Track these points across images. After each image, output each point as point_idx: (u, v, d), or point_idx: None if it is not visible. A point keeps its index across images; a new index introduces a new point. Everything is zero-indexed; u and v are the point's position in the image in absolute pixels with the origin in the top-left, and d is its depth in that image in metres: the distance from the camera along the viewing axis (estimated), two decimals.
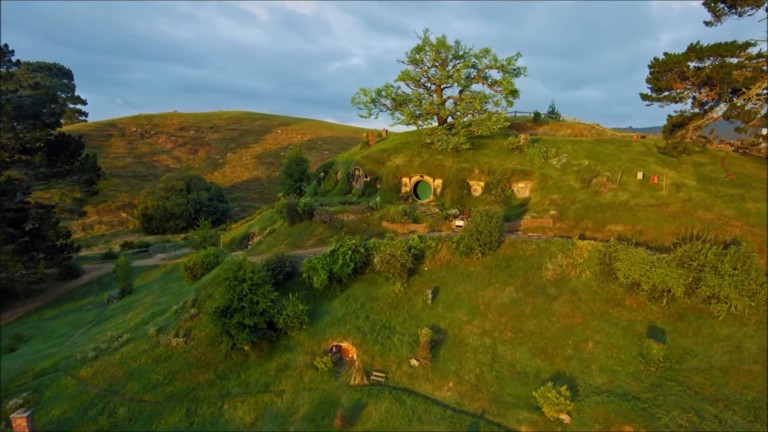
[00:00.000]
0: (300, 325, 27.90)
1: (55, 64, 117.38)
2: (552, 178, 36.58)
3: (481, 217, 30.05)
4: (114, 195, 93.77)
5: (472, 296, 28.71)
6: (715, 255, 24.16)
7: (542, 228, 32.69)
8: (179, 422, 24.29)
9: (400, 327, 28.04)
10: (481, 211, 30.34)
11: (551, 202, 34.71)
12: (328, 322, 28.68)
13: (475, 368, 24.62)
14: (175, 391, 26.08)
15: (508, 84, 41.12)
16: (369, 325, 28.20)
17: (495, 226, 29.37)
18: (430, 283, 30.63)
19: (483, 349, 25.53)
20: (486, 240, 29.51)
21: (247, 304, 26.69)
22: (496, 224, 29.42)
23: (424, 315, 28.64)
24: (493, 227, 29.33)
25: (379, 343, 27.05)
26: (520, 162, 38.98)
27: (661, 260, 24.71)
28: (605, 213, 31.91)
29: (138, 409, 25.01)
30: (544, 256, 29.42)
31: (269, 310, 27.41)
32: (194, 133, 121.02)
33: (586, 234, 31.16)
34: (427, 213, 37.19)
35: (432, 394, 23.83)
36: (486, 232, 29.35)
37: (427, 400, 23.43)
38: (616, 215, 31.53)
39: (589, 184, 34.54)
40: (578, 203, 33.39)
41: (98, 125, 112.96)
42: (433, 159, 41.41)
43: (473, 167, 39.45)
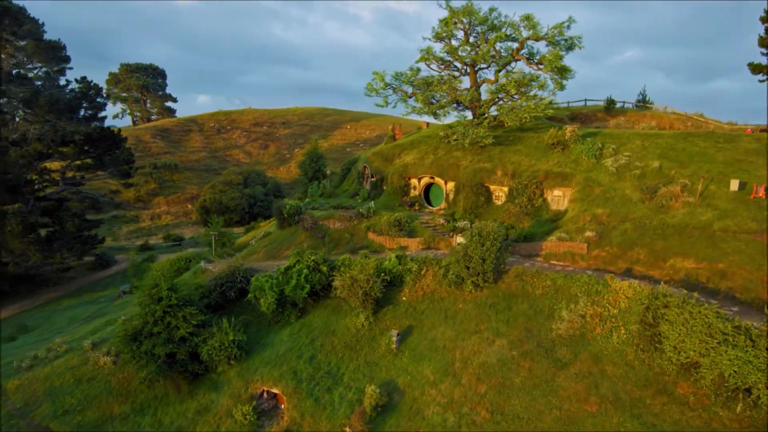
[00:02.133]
0: (228, 360, 22.45)
1: (150, 65, 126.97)
2: (600, 185, 26.52)
3: (471, 237, 21.87)
4: (184, 187, 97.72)
5: (450, 346, 20.77)
6: None
7: (571, 255, 23.29)
8: None
9: (349, 377, 21.19)
10: (475, 228, 22.12)
11: (593, 218, 24.91)
12: (265, 359, 22.80)
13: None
14: (84, 422, 22.21)
15: (554, 59, 31.27)
16: (310, 369, 21.76)
17: (490, 251, 20.98)
18: (403, 318, 23.22)
19: (442, 430, 17.72)
20: (477, 269, 21.28)
21: (163, 328, 21.91)
22: (491, 248, 20.99)
23: (384, 364, 21.42)
24: (488, 252, 20.97)
25: (313, 396, 20.51)
26: (559, 162, 29.23)
27: (741, 332, 14.66)
28: (670, 239, 21.53)
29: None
30: (560, 299, 20.36)
31: (193, 338, 22.38)
32: (267, 129, 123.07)
33: (634, 269, 21.27)
34: (429, 225, 29.42)
35: None
36: (477, 258, 21.13)
37: None
38: (688, 244, 21.03)
39: (653, 196, 24.06)
40: (631, 222, 23.25)
41: (180, 121, 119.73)
42: (448, 157, 33.20)
43: (495, 168, 30.57)
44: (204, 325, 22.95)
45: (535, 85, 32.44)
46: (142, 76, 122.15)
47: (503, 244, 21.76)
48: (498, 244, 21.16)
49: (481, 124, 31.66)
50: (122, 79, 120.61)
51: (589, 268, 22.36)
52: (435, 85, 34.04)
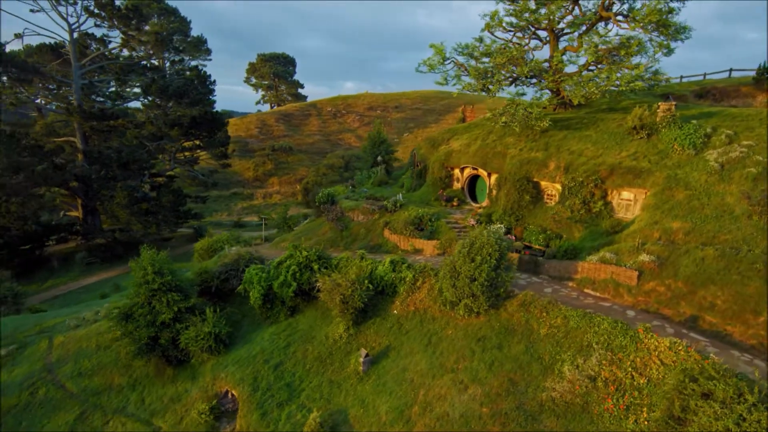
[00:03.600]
0: (202, 351, 21.50)
1: (282, 54, 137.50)
2: (689, 188, 18.49)
3: (461, 248, 16.90)
4: (296, 168, 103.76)
5: (418, 382, 16.46)
6: None
7: (614, 284, 16.60)
8: (59, 427, 21.77)
9: (307, 395, 18.43)
10: (469, 237, 17.08)
11: (664, 234, 17.44)
12: (237, 357, 21.28)
13: None
14: (89, 387, 23.69)
15: (651, 15, 22.83)
16: (272, 377, 19.54)
17: (481, 268, 15.87)
18: (385, 336, 19.40)
19: None
20: (465, 290, 16.39)
21: (148, 311, 21.89)
22: (483, 265, 15.84)
23: (347, 387, 18.10)
24: (478, 270, 15.90)
25: (262, 409, 18.31)
26: (636, 153, 21.37)
27: None
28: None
29: (48, 396, 23.75)
30: (568, 347, 14.40)
31: (175, 324, 21.96)
32: (380, 113, 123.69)
33: (704, 319, 14.01)
34: (456, 225, 24.50)
35: None
36: (463, 277, 16.24)
37: None
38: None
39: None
40: (717, 247, 15.54)
41: (302, 106, 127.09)
42: (497, 143, 27.12)
43: (548, 159, 23.83)
44: (188, 311, 22.44)
45: (627, 50, 24.41)
46: (274, 64, 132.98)
47: (502, 261, 16.36)
48: (493, 261, 15.92)
49: (535, 103, 25.09)
50: (258, 68, 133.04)
51: (635, 308, 15.66)
52: (496, 54, 28.13)
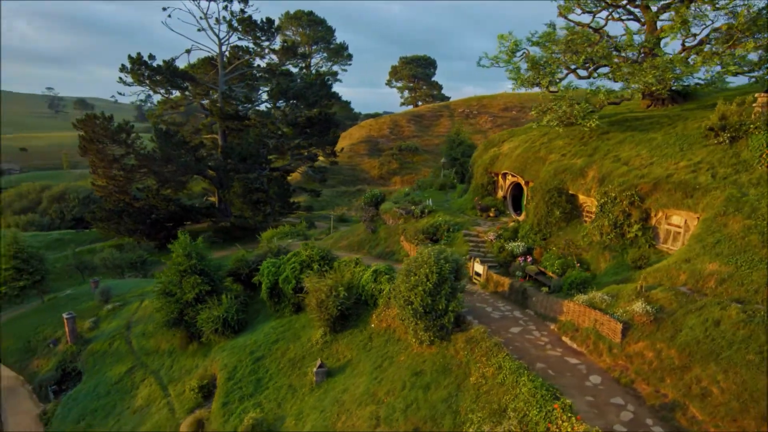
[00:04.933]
0: (213, 332, 23.07)
1: (424, 56, 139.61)
2: (755, 216, 12.52)
3: (408, 266, 14.51)
4: (419, 168, 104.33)
5: (347, 407, 14.76)
6: None
7: (596, 337, 12.30)
8: (116, 379, 25.87)
9: (267, 394, 18.29)
10: (421, 254, 14.59)
11: (695, 277, 12.25)
12: (234, 344, 22.27)
13: None
14: (143, 347, 27.66)
15: None
16: (249, 369, 19.92)
17: (416, 292, 13.42)
18: (351, 350, 18.00)
19: None
20: (406, 314, 14.11)
21: (178, 290, 24.46)
22: (419, 287, 13.34)
23: (299, 396, 17.37)
24: (415, 292, 13.48)
25: (227, 398, 18.81)
26: (701, 163, 15.37)
27: None
28: None
29: (117, 348, 28.42)
30: (484, 406, 11.13)
31: (197, 305, 24.07)
32: (515, 113, 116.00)
33: (685, 411, 9.37)
34: (475, 239, 21.32)
35: None
36: (417, 296, 13.96)
37: None
38: None
39: None
40: (754, 307, 10.18)
41: (434, 107, 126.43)
42: (541, 146, 22.44)
43: (589, 166, 18.69)
44: (215, 296, 24.38)
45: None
46: (414, 66, 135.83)
47: (445, 285, 13.56)
48: (429, 285, 13.35)
49: (586, 99, 20.01)
50: (399, 70, 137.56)
51: (609, 373, 11.45)
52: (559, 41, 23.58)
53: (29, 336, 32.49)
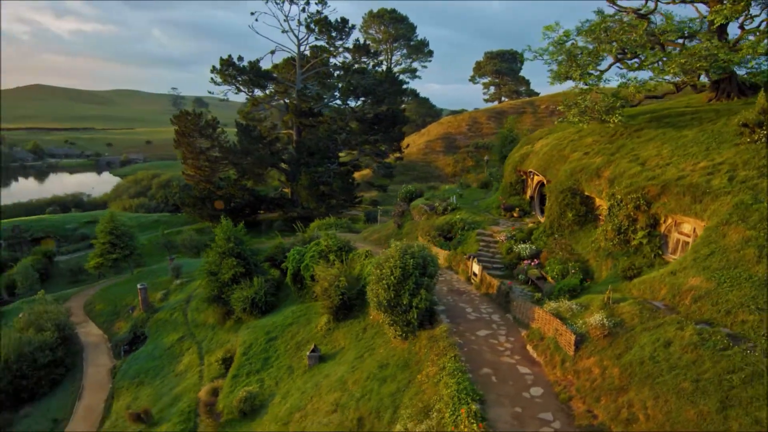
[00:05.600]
0: (242, 311, 25.13)
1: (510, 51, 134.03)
2: (759, 227, 10.60)
3: (378, 260, 14.59)
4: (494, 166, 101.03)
5: (320, 392, 15.37)
6: None
7: (554, 348, 11.35)
8: (169, 345, 29.31)
9: (270, 372, 19.67)
10: (389, 249, 14.61)
11: (674, 291, 10.74)
12: (259, 323, 24.03)
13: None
14: (195, 320, 30.87)
15: None
16: (261, 348, 21.48)
17: (380, 285, 13.53)
18: (346, 338, 18.58)
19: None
20: (383, 305, 14.29)
21: (218, 269, 26.96)
22: (382, 281, 13.42)
23: (294, 375, 18.42)
24: (380, 285, 13.58)
25: (237, 372, 20.51)
26: (722, 163, 13.11)
27: None
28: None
29: (174, 318, 32.03)
30: (417, 403, 10.95)
31: (233, 285, 26.33)
32: None
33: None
34: (488, 239, 20.51)
35: None
36: (381, 290, 14.15)
37: None
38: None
39: None
40: (716, 328, 8.67)
41: (516, 104, 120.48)
42: (570, 144, 20.57)
43: (606, 166, 16.80)
44: (249, 278, 26.51)
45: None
46: (498, 61, 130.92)
47: (408, 281, 13.47)
48: (392, 279, 13.39)
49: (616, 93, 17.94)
50: (483, 66, 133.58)
51: (552, 388, 10.67)
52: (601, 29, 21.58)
53: (116, 301, 38.07)
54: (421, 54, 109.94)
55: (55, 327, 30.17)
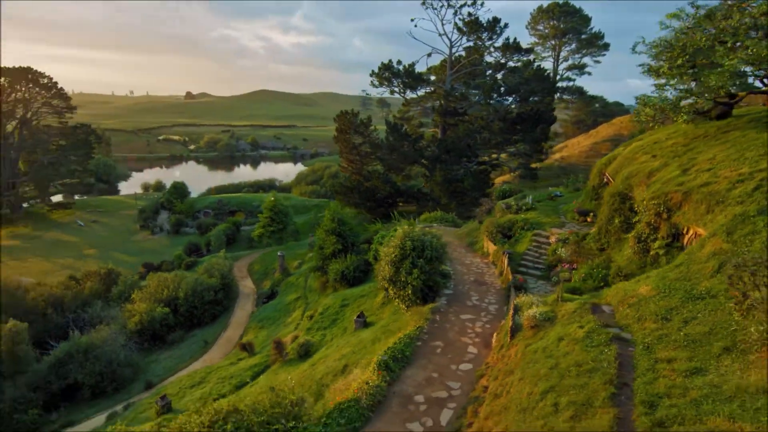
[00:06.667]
0: (335, 281, 29.47)
1: None
2: (738, 241, 8.92)
3: (388, 241, 16.45)
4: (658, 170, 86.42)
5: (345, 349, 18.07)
6: None
7: (504, 335, 11.68)
8: (288, 302, 35.82)
9: (331, 330, 23.36)
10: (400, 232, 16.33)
11: (626, 301, 9.96)
12: (343, 294, 27.93)
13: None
14: (309, 286, 36.80)
15: None
16: (334, 309, 25.39)
17: (386, 261, 15.51)
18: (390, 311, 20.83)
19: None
20: (386, 279, 16.37)
21: (323, 245, 31.93)
22: (387, 257, 15.36)
23: (346, 336, 21.59)
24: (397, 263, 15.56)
25: (311, 324, 24.77)
26: (760, 171, 10.63)
27: None
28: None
29: (299, 283, 38.47)
30: (368, 360, 12.68)
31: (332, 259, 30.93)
32: None
33: None
34: (543, 241, 19.99)
35: None
36: (385, 266, 16.28)
37: None
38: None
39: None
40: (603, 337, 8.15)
41: None
42: (647, 147, 17.88)
43: (658, 170, 14.58)
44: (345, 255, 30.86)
45: None
46: None
47: (405, 261, 15.13)
48: (393, 256, 15.33)
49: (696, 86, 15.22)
50: None
51: (482, 367, 11.37)
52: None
53: (268, 265, 47.58)
54: (594, 48, 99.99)
55: (219, 275, 39.94)
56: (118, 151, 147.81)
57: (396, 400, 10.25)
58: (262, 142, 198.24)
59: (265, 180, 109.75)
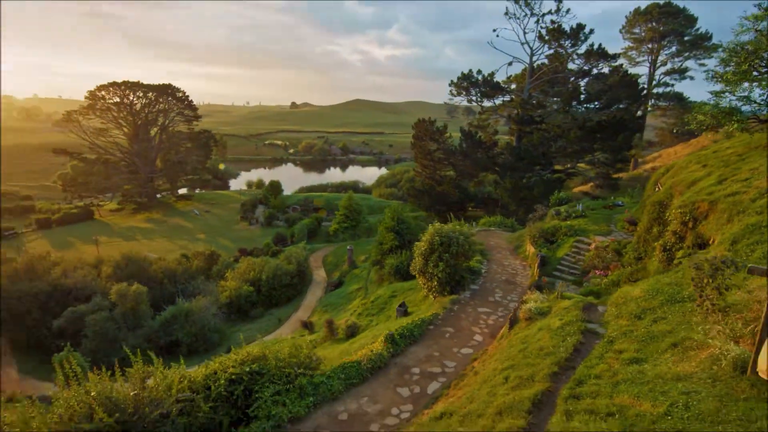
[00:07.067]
0: (389, 275, 30.67)
1: None
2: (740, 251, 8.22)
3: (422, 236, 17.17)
4: None
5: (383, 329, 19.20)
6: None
7: (508, 326, 11.86)
8: (349, 291, 37.83)
9: (379, 316, 24.52)
10: (431, 229, 17.00)
11: (625, 300, 9.70)
12: (393, 287, 29.02)
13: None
14: (371, 277, 38.43)
15: None
16: (385, 299, 26.50)
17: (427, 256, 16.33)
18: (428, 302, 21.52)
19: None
20: (416, 269, 17.21)
21: (383, 240, 33.28)
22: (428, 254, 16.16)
23: (386, 322, 22.73)
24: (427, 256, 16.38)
25: (361, 311, 26.16)
26: None
27: None
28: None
29: (360, 275, 40.27)
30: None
31: (388, 254, 32.18)
32: None
33: None
34: (585, 248, 19.25)
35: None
36: (417, 258, 17.18)
37: None
38: None
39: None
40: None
41: None
42: (701, 156, 16.14)
43: (701, 180, 13.26)
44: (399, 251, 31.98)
45: None
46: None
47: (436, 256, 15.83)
48: (423, 250, 16.15)
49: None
50: None
51: (482, 350, 11.79)
52: None
53: (339, 257, 50.41)
54: (699, 50, 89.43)
55: (296, 263, 43.44)
56: (232, 153, 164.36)
57: (395, 369, 11.23)
58: (352, 148, 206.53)
59: (350, 182, 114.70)
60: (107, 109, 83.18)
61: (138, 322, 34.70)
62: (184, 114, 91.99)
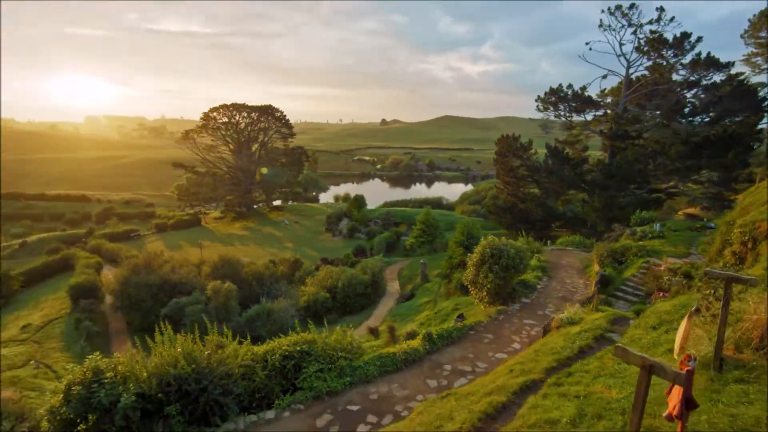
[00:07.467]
0: (455, 288, 31.20)
1: None
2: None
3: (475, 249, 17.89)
4: None
5: None
6: None
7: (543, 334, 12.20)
8: (419, 303, 38.86)
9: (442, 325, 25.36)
10: (483, 242, 17.68)
11: (648, 314, 9.68)
12: (460, 300, 29.52)
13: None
14: (440, 292, 39.06)
15: None
16: (447, 312, 27.18)
17: (479, 267, 17.19)
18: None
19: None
20: (468, 279, 18.01)
21: (453, 254, 33.96)
22: (479, 265, 17.03)
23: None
24: (479, 267, 17.24)
25: (427, 323, 27.16)
26: None
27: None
28: None
29: (431, 289, 41.01)
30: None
31: (457, 268, 32.75)
32: None
33: None
34: (654, 269, 18.33)
35: None
36: (470, 269, 18.02)
37: None
38: None
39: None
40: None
41: None
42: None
43: (759, 200, 12.01)
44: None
45: None
46: None
47: (486, 267, 16.56)
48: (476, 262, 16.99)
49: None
50: None
51: (516, 353, 12.38)
52: None
53: (413, 271, 51.84)
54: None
55: (370, 273, 45.81)
56: (322, 168, 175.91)
57: (428, 364, 12.40)
58: (438, 164, 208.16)
59: (434, 198, 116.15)
60: (217, 128, 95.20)
61: (227, 316, 39.40)
62: (281, 132, 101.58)
